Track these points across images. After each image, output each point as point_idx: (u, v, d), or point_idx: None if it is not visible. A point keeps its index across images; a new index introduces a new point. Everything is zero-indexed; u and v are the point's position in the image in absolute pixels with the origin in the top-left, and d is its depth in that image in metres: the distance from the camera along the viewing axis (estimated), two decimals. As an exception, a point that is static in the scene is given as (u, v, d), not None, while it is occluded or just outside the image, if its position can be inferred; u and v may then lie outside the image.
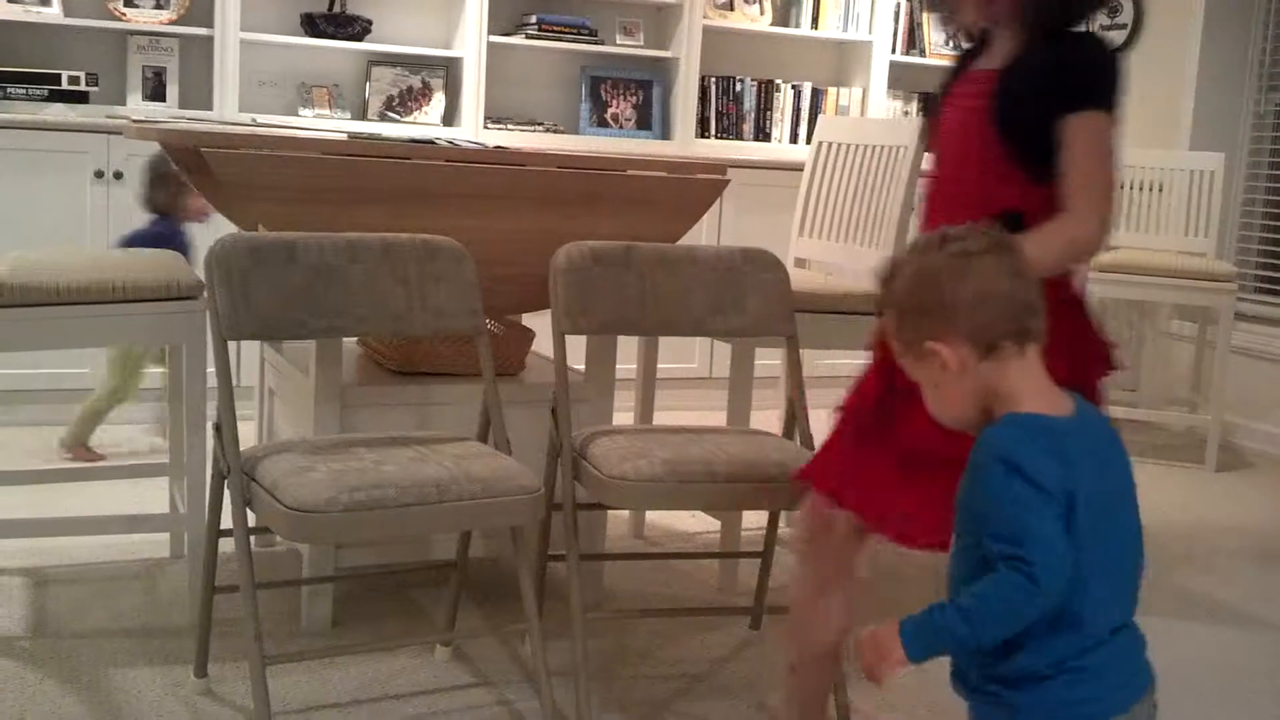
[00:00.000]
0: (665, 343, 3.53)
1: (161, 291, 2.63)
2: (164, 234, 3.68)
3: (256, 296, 2.27)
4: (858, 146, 3.50)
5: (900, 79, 5.61)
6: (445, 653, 2.60)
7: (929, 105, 3.42)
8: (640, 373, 3.48)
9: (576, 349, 2.79)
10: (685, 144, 5.23)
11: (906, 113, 5.66)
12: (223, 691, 2.40)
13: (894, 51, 5.57)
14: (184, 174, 3.07)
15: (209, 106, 4.56)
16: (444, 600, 2.65)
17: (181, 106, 4.60)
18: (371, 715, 2.36)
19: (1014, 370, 1.51)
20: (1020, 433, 1.47)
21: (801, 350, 2.68)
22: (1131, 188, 5.04)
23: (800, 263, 3.69)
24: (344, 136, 3.07)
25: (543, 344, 2.82)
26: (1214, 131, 5.27)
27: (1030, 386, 1.52)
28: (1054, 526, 1.43)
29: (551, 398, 2.49)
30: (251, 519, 2.19)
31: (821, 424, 2.67)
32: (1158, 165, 5.02)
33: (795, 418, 2.62)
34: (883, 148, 3.38)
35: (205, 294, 2.31)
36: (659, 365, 3.50)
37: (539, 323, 2.86)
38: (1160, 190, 5.01)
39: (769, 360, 3.64)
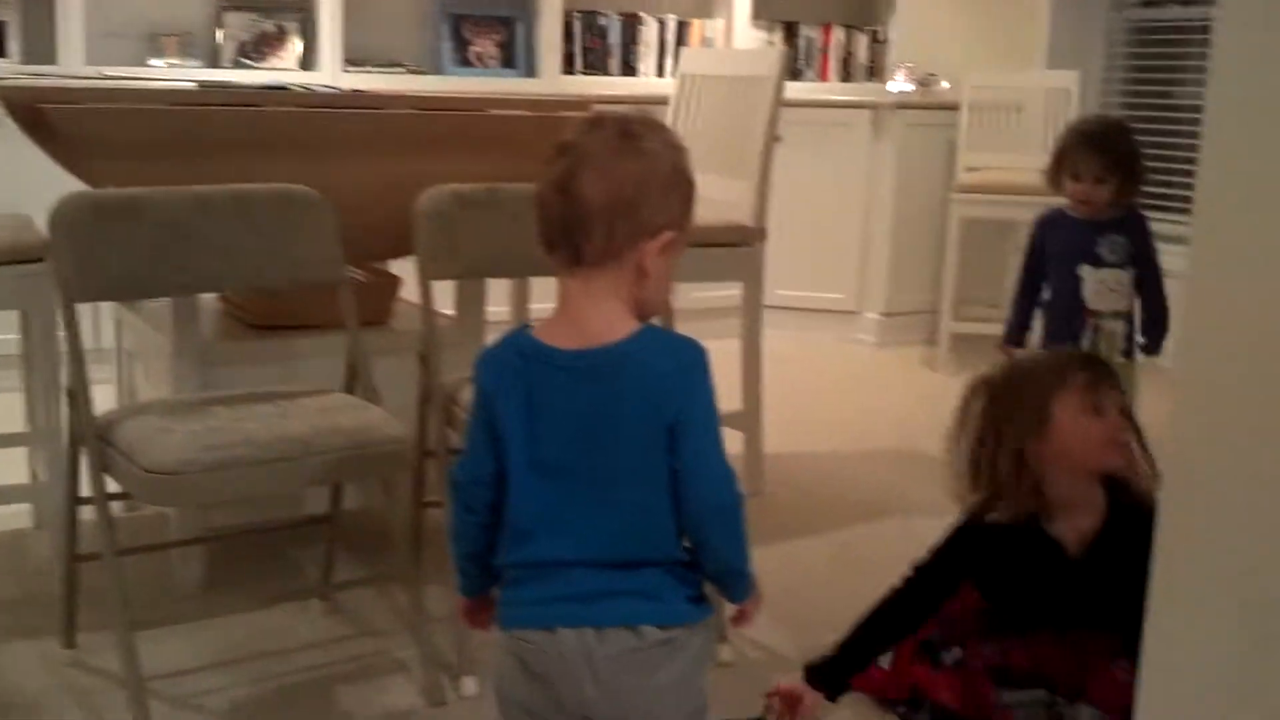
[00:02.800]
0: (539, 283, 3.51)
1: (4, 255, 2.54)
2: None
3: (103, 256, 2.20)
4: (721, 78, 3.49)
5: (764, 9, 5.60)
6: (322, 607, 2.58)
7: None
8: (514, 315, 3.45)
9: (446, 294, 2.76)
10: (552, 81, 5.17)
11: (770, 42, 5.66)
12: (93, 661, 2.35)
13: (756, -19, 5.56)
14: (25, 132, 2.95)
15: (54, 61, 4.38)
16: (319, 555, 2.62)
17: (25, 62, 4.40)
18: (249, 674, 2.33)
19: (563, 282, 1.49)
20: (498, 342, 1.53)
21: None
22: (988, 109, 5.12)
23: (668, 197, 3.67)
24: (193, 86, 2.98)
25: (412, 290, 2.78)
26: (1069, 50, 5.37)
27: (560, 305, 1.50)
28: (475, 432, 1.53)
29: (421, 344, 2.46)
30: (113, 485, 2.14)
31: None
32: (1014, 86, 5.10)
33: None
34: (746, 78, 3.38)
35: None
36: (532, 306, 3.48)
37: (407, 269, 2.82)
38: (1018, 111, 5.09)
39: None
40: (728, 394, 3.40)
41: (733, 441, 3.26)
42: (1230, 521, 1.49)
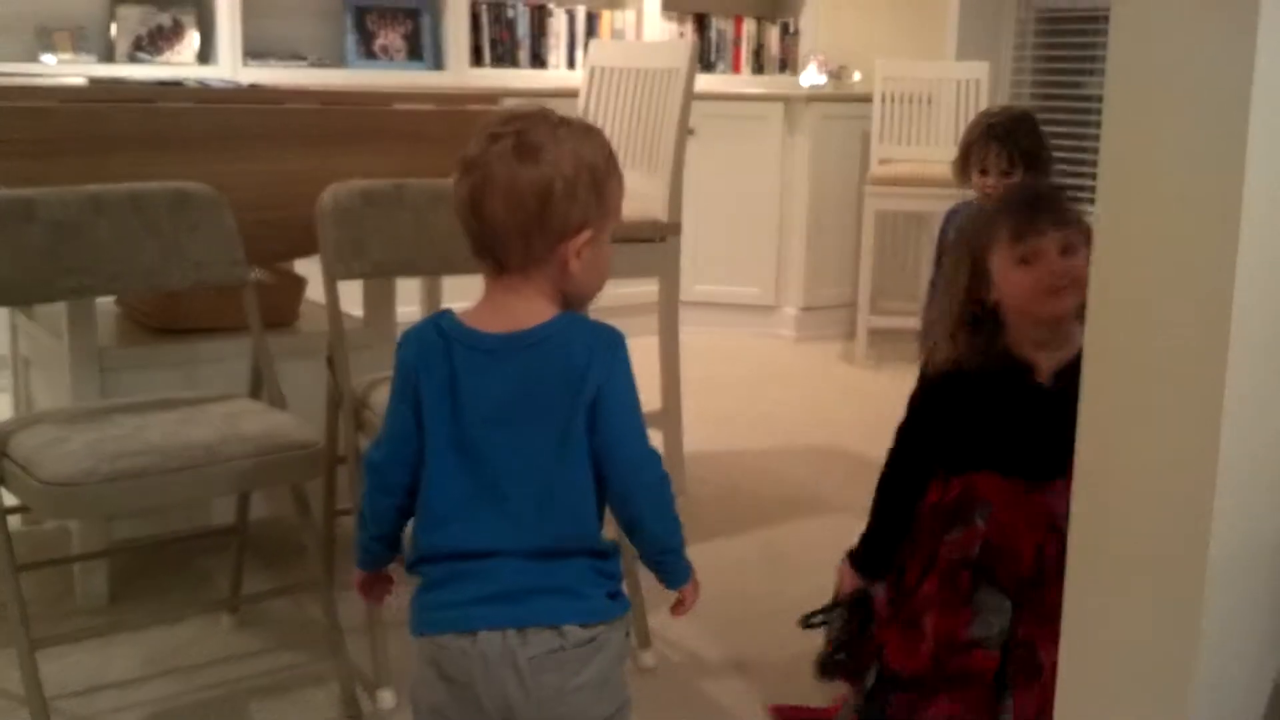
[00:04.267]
0: (450, 282, 3.45)
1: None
2: None
3: (-7, 259, 2.11)
4: (631, 71, 3.45)
5: (674, 0, 5.58)
6: (232, 620, 2.50)
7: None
8: (425, 314, 3.39)
9: (354, 294, 2.70)
10: (460, 74, 5.10)
11: (681, 34, 5.64)
12: (-8, 681, 2.26)
13: (666, -28, 5.53)
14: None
15: (-62, 56, 4.23)
16: (228, 566, 2.54)
17: (-92, 57, 4.25)
18: (158, 690, 2.26)
19: (488, 284, 1.51)
20: (421, 321, 1.54)
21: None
22: (900, 101, 5.13)
23: (582, 191, 3.63)
24: (84, 82, 2.88)
25: (319, 291, 2.71)
26: (979, 40, 5.41)
27: (485, 296, 1.51)
28: (396, 411, 1.51)
29: (328, 347, 2.40)
30: (11, 498, 2.05)
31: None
32: (925, 77, 5.12)
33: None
34: (656, 71, 3.34)
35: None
36: (443, 305, 3.41)
37: (313, 269, 2.74)
38: (929, 103, 5.11)
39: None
40: (647, 392, 3.37)
41: (653, 440, 3.24)
42: (1140, 507, 1.49)
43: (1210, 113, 1.37)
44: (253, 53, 4.73)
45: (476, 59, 5.21)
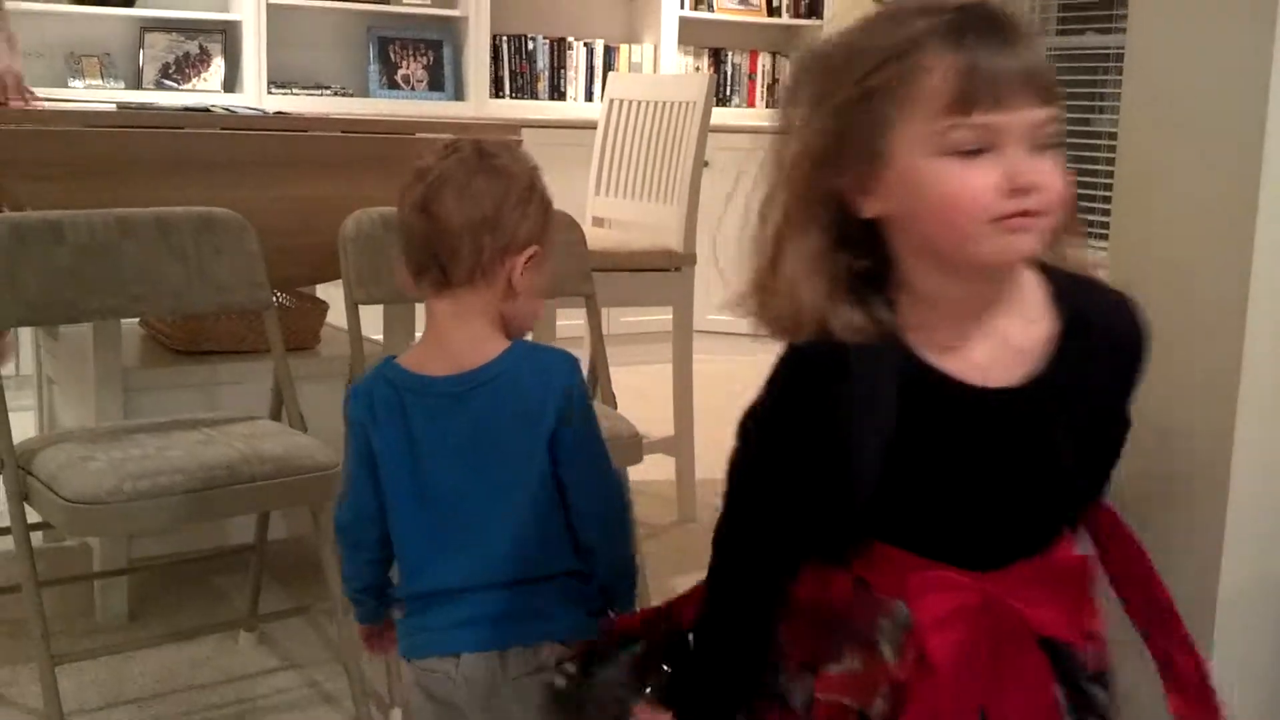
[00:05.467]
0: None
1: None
2: None
3: (21, 280, 2.15)
4: (648, 103, 3.50)
5: (690, 34, 5.64)
6: (249, 638, 2.53)
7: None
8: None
9: (374, 319, 2.74)
10: (480, 105, 5.16)
11: (698, 68, 5.70)
12: (14, 695, 2.29)
13: (683, 7, 5.59)
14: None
15: (-32, 80, 4.29)
16: (246, 585, 2.57)
17: (-62, 81, 4.32)
18: (174, 707, 2.28)
19: (431, 306, 1.48)
20: (367, 376, 1.51)
21: (601, 309, 2.68)
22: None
23: (598, 221, 3.68)
24: (112, 108, 2.93)
25: (339, 316, 2.75)
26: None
27: (427, 330, 1.49)
28: (354, 465, 1.50)
29: (349, 370, 2.44)
30: (34, 514, 2.08)
31: (621, 380, 2.70)
32: (940, 112, 5.16)
33: (597, 377, 2.62)
34: (673, 104, 3.39)
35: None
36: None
37: (334, 294, 2.79)
38: (943, 136, 5.14)
39: (568, 320, 3.63)
40: (660, 419, 3.41)
41: (664, 467, 3.28)
42: (1152, 541, 1.52)
43: (1224, 150, 1.40)
44: (277, 82, 4.80)
45: (497, 90, 5.28)
